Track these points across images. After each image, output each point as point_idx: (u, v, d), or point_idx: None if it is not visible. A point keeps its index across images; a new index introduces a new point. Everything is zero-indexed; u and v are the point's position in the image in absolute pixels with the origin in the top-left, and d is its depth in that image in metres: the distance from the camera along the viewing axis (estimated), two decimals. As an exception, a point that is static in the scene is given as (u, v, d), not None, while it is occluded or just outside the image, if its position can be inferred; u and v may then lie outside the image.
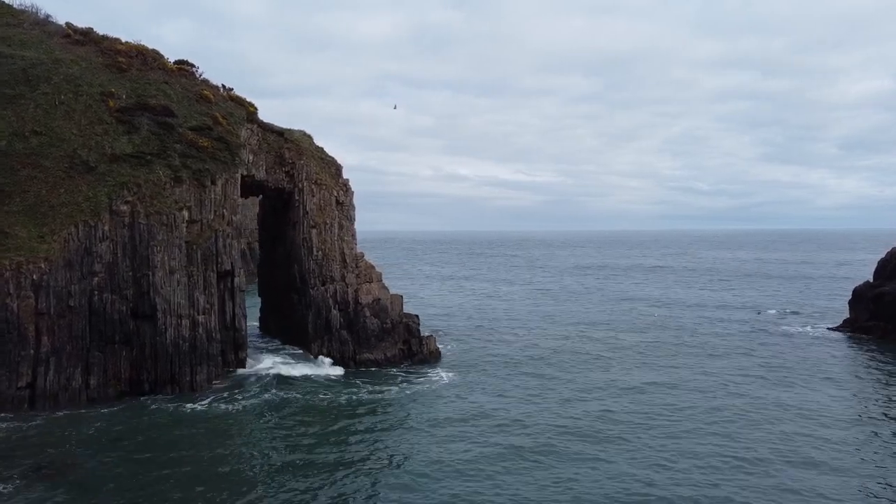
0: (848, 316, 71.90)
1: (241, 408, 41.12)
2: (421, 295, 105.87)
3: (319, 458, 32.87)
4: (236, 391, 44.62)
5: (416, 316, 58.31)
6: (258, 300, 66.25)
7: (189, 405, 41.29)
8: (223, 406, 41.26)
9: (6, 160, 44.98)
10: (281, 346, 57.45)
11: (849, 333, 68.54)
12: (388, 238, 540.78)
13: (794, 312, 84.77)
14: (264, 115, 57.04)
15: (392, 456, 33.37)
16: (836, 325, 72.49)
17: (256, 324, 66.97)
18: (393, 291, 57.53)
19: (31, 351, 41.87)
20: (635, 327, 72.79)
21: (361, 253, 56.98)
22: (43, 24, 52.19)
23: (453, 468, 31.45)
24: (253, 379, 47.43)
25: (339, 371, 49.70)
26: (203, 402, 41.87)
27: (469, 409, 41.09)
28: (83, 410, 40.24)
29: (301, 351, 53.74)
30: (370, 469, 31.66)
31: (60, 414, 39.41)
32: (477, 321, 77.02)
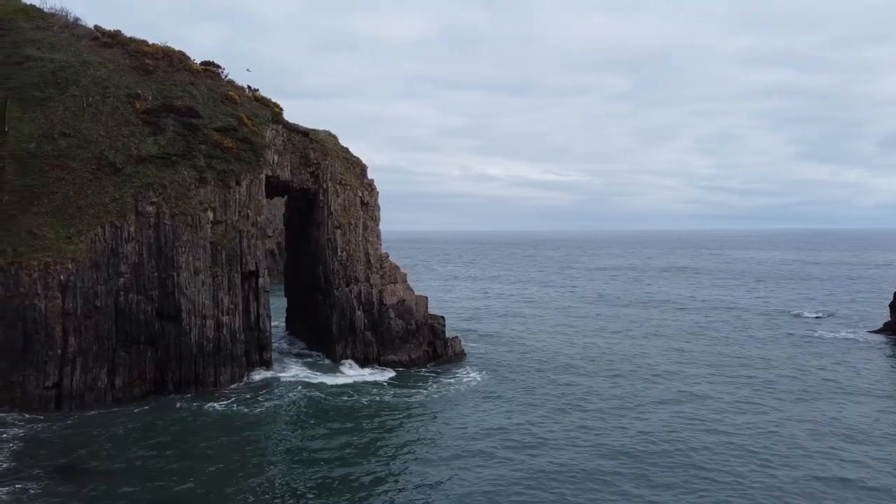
0: (889, 319, 69.37)
1: (263, 409, 40.91)
2: (449, 296, 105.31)
3: (341, 462, 32.43)
4: (259, 392, 44.47)
5: (442, 317, 57.67)
6: (285, 300, 66.32)
7: (212, 406, 41.24)
8: (246, 408, 41.10)
9: (35, 162, 45.50)
10: (305, 348, 57.34)
11: (890, 337, 66.12)
12: (418, 238, 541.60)
13: (831, 315, 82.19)
14: (296, 117, 57.06)
15: (409, 465, 32.77)
16: (876, 329, 70.03)
17: (283, 324, 67.10)
18: (420, 292, 57.02)
19: (59, 351, 42.28)
20: (668, 333, 70.17)
21: (386, 253, 56.55)
22: (72, 27, 52.78)
23: (478, 490, 29.53)
24: (276, 380, 47.26)
25: (361, 373, 49.30)
26: (226, 403, 41.80)
27: (490, 422, 38.83)
28: (107, 410, 40.42)
29: (324, 353, 53.49)
30: (388, 475, 31.10)
31: (84, 414, 39.60)
32: (504, 323, 76.14)
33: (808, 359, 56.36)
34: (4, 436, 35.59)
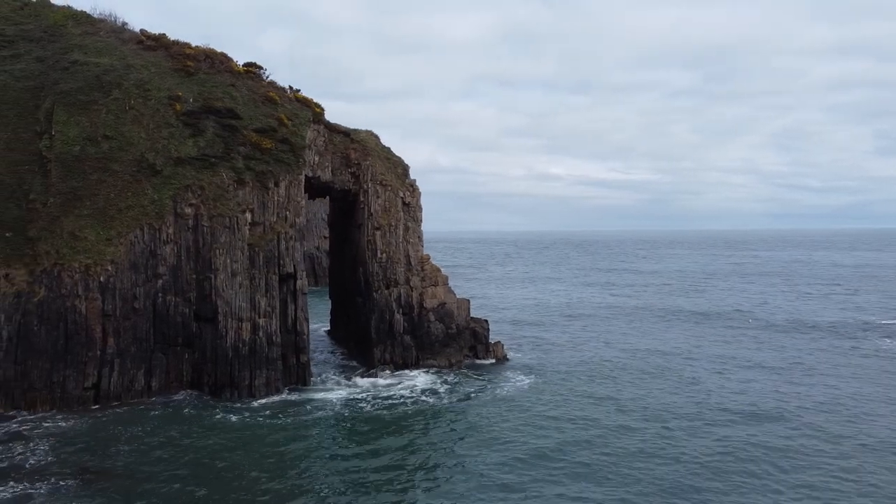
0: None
1: (294, 415, 40.12)
2: (501, 297, 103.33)
3: (367, 473, 31.16)
4: (292, 396, 43.84)
5: (486, 321, 56.00)
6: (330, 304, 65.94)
7: (243, 410, 40.71)
8: (277, 413, 40.40)
9: (79, 165, 46.10)
10: (345, 352, 56.63)
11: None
12: (479, 239, 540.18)
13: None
14: (357, 119, 56.59)
15: (441, 476, 31.23)
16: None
17: (329, 326, 66.71)
18: (472, 293, 55.56)
19: (98, 352, 42.67)
20: (732, 342, 64.76)
21: (427, 255, 55.21)
22: (119, 32, 53.46)
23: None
24: (311, 385, 46.59)
25: (399, 378, 48.04)
26: (257, 408, 41.26)
27: (535, 442, 35.10)
28: (142, 411, 40.34)
29: (363, 357, 52.56)
30: (419, 489, 29.65)
31: (117, 413, 39.59)
32: (555, 326, 73.49)
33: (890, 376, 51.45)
34: (38, 433, 35.89)
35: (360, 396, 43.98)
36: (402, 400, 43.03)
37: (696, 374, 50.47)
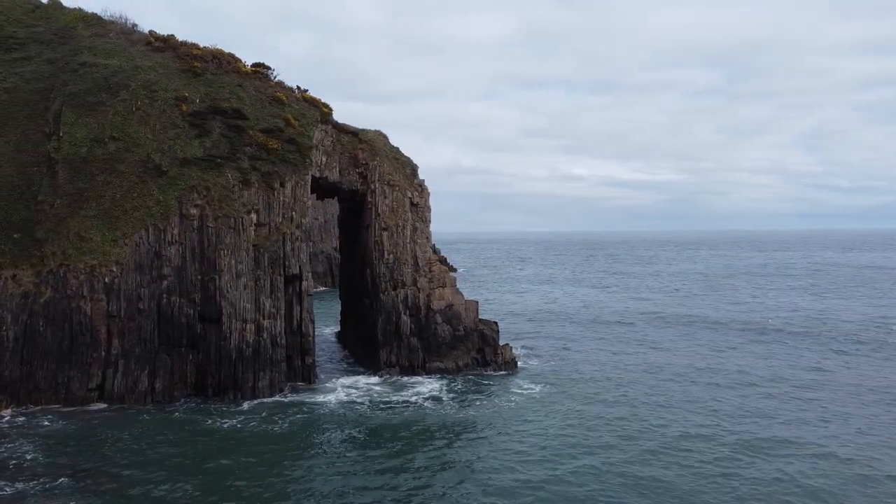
0: None
1: (297, 418, 39.65)
2: (516, 299, 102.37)
3: (365, 480, 30.61)
4: (296, 399, 43.42)
5: (495, 322, 55.16)
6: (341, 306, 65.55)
7: (244, 413, 40.34)
8: (279, 415, 39.99)
9: (86, 166, 46.23)
10: (352, 354, 56.18)
11: None
12: (499, 239, 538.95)
13: None
14: (377, 121, 56.34)
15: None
16: None
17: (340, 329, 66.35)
18: (486, 295, 54.83)
19: (102, 353, 42.69)
20: (756, 350, 60.94)
21: (435, 257, 54.60)
22: (128, 33, 53.61)
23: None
24: (315, 388, 46.21)
25: (403, 382, 47.45)
26: (259, 410, 40.87)
27: (536, 471, 32.27)
28: (140, 412, 40.12)
29: (369, 359, 52.07)
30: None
31: (115, 414, 39.44)
32: (571, 331, 71.80)
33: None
34: (32, 432, 35.87)
35: (361, 401, 43.29)
36: (402, 407, 41.85)
37: (717, 390, 46.29)
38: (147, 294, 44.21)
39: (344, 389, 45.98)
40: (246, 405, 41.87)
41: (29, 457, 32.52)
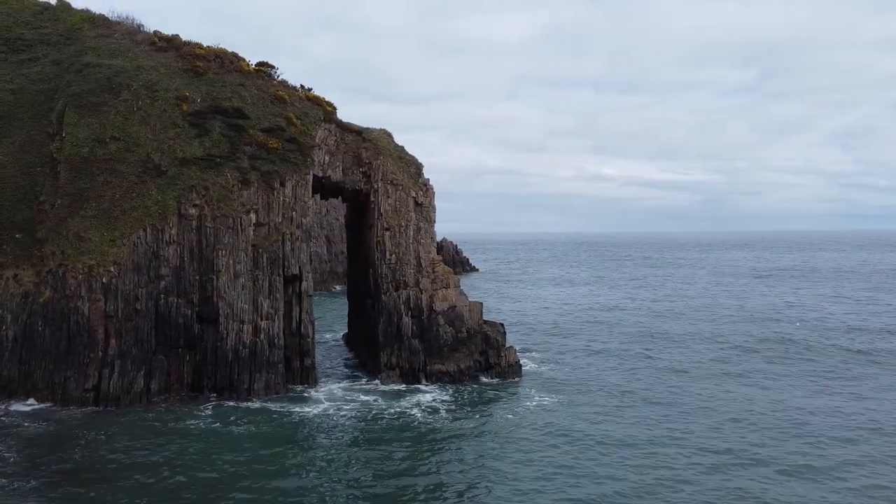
0: None
1: (292, 422, 38.92)
2: (531, 301, 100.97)
3: (340, 489, 29.80)
4: (292, 402, 42.71)
5: (501, 324, 54.00)
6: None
7: (236, 416, 39.69)
8: (273, 419, 39.37)
9: (87, 166, 46.27)
10: (355, 356, 55.42)
11: None
12: (527, 240, 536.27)
13: None
14: (402, 123, 55.53)
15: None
16: None
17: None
18: (504, 297, 53.73)
19: (100, 353, 42.61)
20: (785, 363, 55.84)
21: (439, 257, 53.67)
22: (133, 34, 53.69)
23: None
24: (313, 390, 45.52)
25: (403, 387, 46.45)
26: (253, 413, 40.24)
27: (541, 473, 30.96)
28: (127, 413, 39.66)
29: (370, 361, 51.34)
30: None
31: (112, 418, 39.15)
32: (586, 335, 69.51)
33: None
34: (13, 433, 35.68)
35: (356, 405, 42.15)
36: (396, 415, 40.15)
37: (750, 404, 42.60)
38: (144, 294, 44.05)
39: (339, 393, 45.20)
40: (247, 406, 41.25)
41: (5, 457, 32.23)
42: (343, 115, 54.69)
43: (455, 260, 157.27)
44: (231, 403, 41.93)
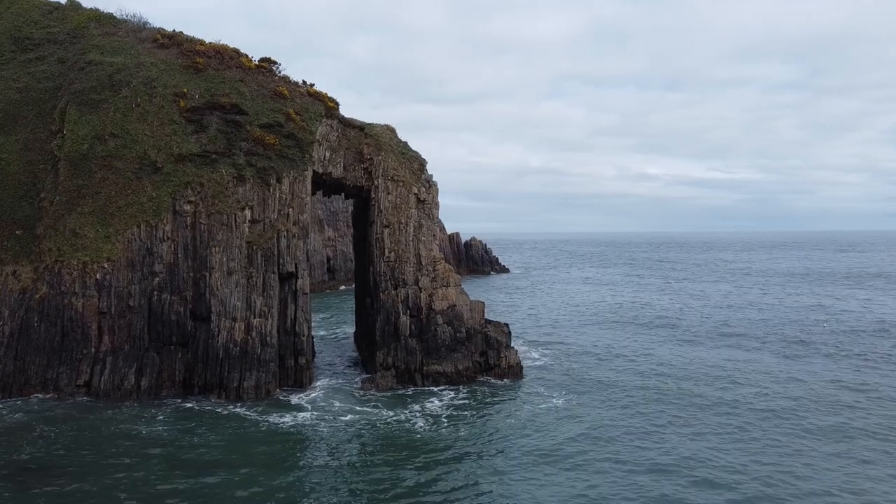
0: None
1: (279, 422, 38.03)
2: (561, 302, 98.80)
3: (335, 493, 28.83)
4: (281, 402, 41.97)
5: (506, 325, 52.47)
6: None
7: (220, 415, 38.98)
8: (260, 418, 38.62)
9: (86, 163, 46.47)
10: (356, 355, 54.57)
11: None
12: (569, 240, 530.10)
13: None
14: (445, 123, 54.23)
15: None
16: None
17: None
18: (529, 298, 52.20)
19: (92, 349, 42.69)
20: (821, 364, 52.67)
21: (441, 255, 52.38)
22: (137, 31, 53.87)
23: None
24: (305, 390, 44.63)
25: (397, 391, 45.23)
26: (239, 412, 39.55)
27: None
28: (123, 409, 39.50)
29: (367, 360, 50.39)
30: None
31: (97, 415, 38.94)
32: (598, 337, 67.56)
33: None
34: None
35: (347, 408, 40.92)
36: (387, 420, 38.54)
37: (772, 412, 39.82)
38: (138, 291, 43.99)
39: (333, 394, 44.27)
40: (233, 408, 40.68)
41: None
42: (384, 116, 54.32)
43: (483, 259, 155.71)
44: (190, 404, 40.60)
